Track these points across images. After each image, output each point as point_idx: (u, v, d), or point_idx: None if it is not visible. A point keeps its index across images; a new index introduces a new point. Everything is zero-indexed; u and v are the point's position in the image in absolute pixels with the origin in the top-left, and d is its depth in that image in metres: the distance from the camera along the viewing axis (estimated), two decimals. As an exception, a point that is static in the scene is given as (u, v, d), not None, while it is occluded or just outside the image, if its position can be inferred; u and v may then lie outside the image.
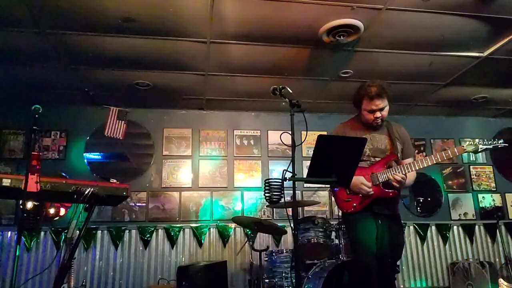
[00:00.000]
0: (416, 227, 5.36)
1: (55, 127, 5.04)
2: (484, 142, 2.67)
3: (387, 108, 2.76)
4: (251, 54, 3.95)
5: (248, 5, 3.17)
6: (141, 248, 4.82)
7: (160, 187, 5.07)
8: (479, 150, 2.67)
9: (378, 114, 2.73)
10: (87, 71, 4.26)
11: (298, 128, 2.62)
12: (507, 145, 2.68)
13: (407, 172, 2.67)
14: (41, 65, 4.07)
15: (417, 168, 2.67)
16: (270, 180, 4.69)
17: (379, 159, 2.78)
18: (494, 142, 2.67)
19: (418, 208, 5.53)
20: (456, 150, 2.65)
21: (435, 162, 2.64)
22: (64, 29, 3.45)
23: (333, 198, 5.17)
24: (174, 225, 4.92)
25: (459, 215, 5.54)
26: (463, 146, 2.68)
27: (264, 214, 5.18)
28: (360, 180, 2.67)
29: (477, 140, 2.68)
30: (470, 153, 2.75)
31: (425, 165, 2.65)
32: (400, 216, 2.87)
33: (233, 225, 4.94)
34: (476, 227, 5.50)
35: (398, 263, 4.62)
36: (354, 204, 2.73)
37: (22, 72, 4.23)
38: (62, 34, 3.51)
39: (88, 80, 4.45)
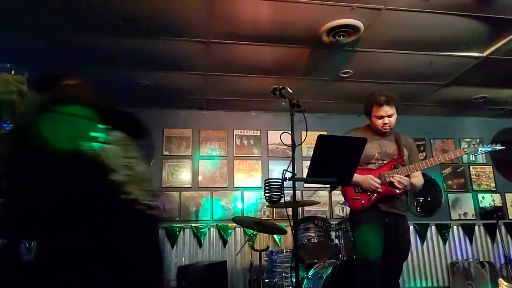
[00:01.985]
0: (416, 227, 5.36)
1: (55, 127, 5.03)
2: (484, 145, 2.84)
3: (395, 116, 2.92)
4: (251, 54, 3.95)
5: (248, 5, 3.17)
6: (141, 248, 4.81)
7: (160, 187, 5.07)
8: (478, 152, 2.82)
9: (386, 120, 2.88)
10: (87, 71, 4.25)
11: (298, 128, 2.62)
12: (504, 147, 2.84)
13: (409, 173, 2.79)
14: (41, 65, 4.05)
15: (420, 169, 2.81)
16: (270, 180, 4.68)
17: (387, 161, 2.89)
18: (493, 146, 2.84)
19: (418, 208, 5.53)
20: (457, 152, 2.82)
21: (438, 163, 2.79)
22: (64, 29, 3.45)
23: (333, 198, 5.24)
24: (174, 225, 4.92)
25: (459, 215, 5.55)
26: (464, 149, 2.83)
27: (264, 214, 5.18)
28: (370, 177, 2.79)
29: (476, 143, 2.80)
30: (470, 154, 2.88)
31: (428, 166, 2.80)
32: (407, 218, 2.93)
33: (233, 225, 4.94)
34: (476, 227, 5.50)
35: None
36: (363, 202, 2.81)
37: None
38: (62, 34, 3.52)
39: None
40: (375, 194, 2.78)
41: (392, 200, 2.81)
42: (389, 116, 2.89)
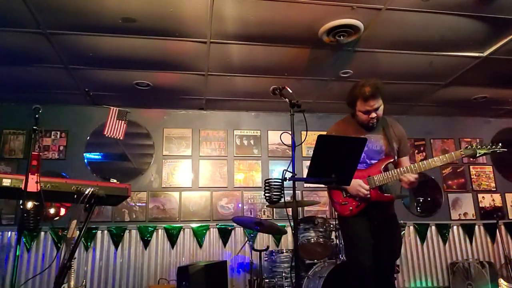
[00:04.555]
0: (416, 227, 5.36)
1: (55, 127, 5.04)
2: (483, 147, 2.65)
3: (382, 108, 2.73)
4: (251, 54, 3.95)
5: (248, 5, 3.17)
6: (141, 248, 4.82)
7: (160, 187, 5.07)
8: (478, 155, 2.64)
9: (373, 115, 2.71)
10: (87, 71, 4.26)
11: (298, 128, 2.63)
12: (506, 150, 2.65)
13: (400, 176, 2.65)
14: (41, 65, 4.07)
15: (414, 173, 2.64)
16: (270, 180, 4.69)
17: (376, 161, 2.77)
18: (493, 147, 2.64)
19: (418, 208, 5.53)
20: (453, 155, 2.63)
21: (432, 167, 2.64)
22: (64, 29, 3.45)
23: (333, 198, 5.22)
24: (174, 225, 4.93)
25: (459, 215, 5.54)
26: (461, 151, 2.65)
27: (264, 214, 5.18)
28: (358, 183, 2.65)
29: (474, 145, 2.66)
30: (468, 157, 2.73)
31: (422, 170, 2.63)
32: (396, 216, 2.85)
33: (233, 225, 4.94)
34: (476, 227, 5.50)
35: (397, 262, 4.63)
36: (351, 208, 2.72)
37: (22, 72, 4.23)
38: (62, 34, 3.52)
39: (88, 80, 4.45)
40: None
41: (381, 205, 2.71)
42: (376, 110, 2.69)
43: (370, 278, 2.60)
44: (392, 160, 2.75)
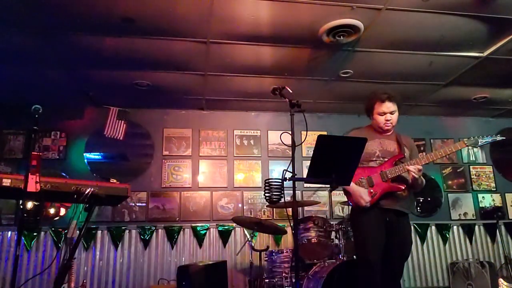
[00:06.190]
0: (416, 227, 5.36)
1: (55, 127, 5.04)
2: (483, 137, 2.87)
3: (396, 114, 2.95)
4: (251, 54, 3.95)
5: (247, 5, 3.17)
6: (141, 248, 4.82)
7: (160, 187, 5.07)
8: (479, 144, 2.86)
9: (389, 117, 2.91)
10: (87, 71, 4.26)
11: (298, 128, 2.64)
12: (504, 138, 2.88)
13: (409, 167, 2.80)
14: (41, 65, 4.07)
15: (423, 163, 2.81)
16: (270, 180, 4.69)
17: (388, 159, 2.91)
18: (493, 136, 2.87)
19: (418, 208, 5.53)
20: (458, 145, 2.86)
21: (439, 157, 2.85)
22: (64, 29, 3.45)
23: (333, 198, 5.25)
24: (174, 225, 4.93)
25: (459, 215, 5.54)
26: (464, 141, 2.87)
27: (264, 214, 5.18)
28: (360, 192, 2.79)
29: (476, 136, 2.88)
30: (470, 153, 2.90)
31: (431, 160, 2.82)
32: (409, 216, 2.95)
33: (233, 225, 4.94)
34: (476, 227, 5.50)
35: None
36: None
37: (22, 72, 4.23)
38: (62, 34, 3.52)
39: (88, 80, 4.45)
40: (377, 192, 2.79)
41: (395, 196, 2.83)
42: (391, 113, 2.91)
43: (377, 275, 2.64)
44: (402, 157, 2.90)
